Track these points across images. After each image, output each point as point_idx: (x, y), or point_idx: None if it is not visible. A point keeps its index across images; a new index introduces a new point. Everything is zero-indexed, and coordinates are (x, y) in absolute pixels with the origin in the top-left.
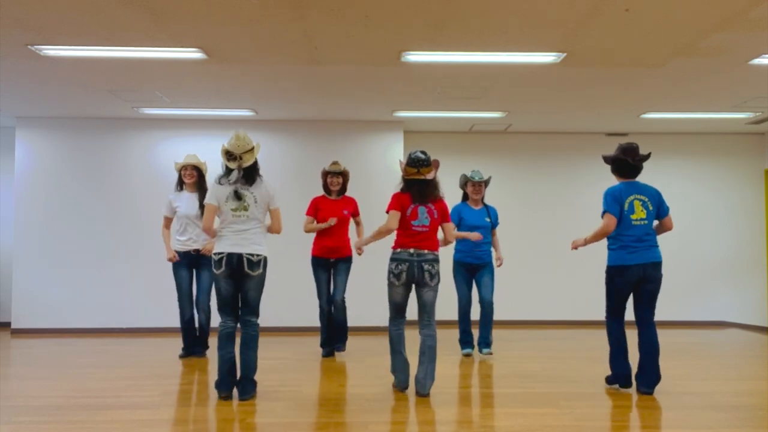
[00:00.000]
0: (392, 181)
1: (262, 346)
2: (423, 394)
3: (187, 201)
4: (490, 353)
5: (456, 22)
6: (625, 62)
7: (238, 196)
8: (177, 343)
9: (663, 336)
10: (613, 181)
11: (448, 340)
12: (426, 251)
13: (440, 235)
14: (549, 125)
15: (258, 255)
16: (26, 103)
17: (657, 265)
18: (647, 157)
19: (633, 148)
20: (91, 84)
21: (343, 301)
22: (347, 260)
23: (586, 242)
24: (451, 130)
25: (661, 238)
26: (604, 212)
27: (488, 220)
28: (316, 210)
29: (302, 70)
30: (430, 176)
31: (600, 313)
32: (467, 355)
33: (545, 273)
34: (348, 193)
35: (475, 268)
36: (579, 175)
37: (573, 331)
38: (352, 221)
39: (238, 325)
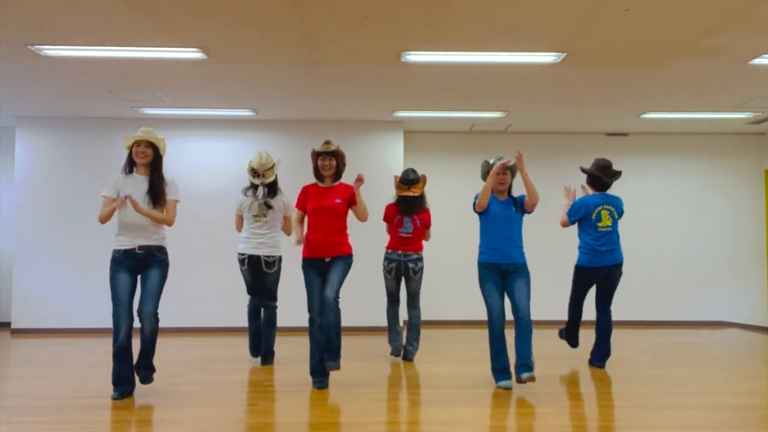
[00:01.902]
0: (392, 182)
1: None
2: (409, 359)
3: (134, 184)
4: (533, 377)
5: (456, 22)
6: (625, 62)
7: (268, 206)
8: (177, 343)
9: (663, 336)
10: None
11: (453, 341)
12: (411, 252)
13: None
14: (549, 125)
15: (273, 256)
16: (26, 103)
17: (619, 265)
18: (619, 175)
19: (608, 166)
20: (91, 84)
21: (336, 302)
22: (346, 258)
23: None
24: (451, 130)
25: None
26: (566, 215)
27: (516, 210)
28: (305, 201)
29: (302, 70)
30: (417, 193)
31: None
32: (505, 388)
33: (545, 273)
34: (345, 181)
35: (505, 271)
36: (579, 175)
37: None
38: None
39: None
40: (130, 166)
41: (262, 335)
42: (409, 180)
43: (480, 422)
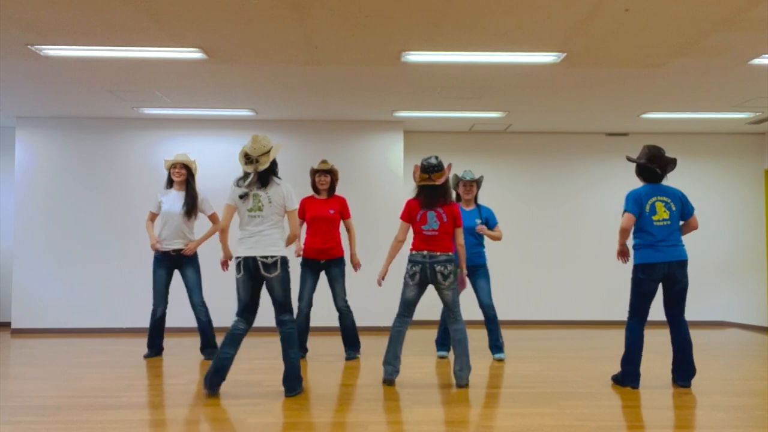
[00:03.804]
0: (392, 181)
1: (262, 346)
2: (461, 385)
3: (173, 199)
4: (503, 358)
5: (456, 22)
6: (625, 62)
7: (242, 197)
8: (177, 343)
9: (663, 336)
10: (636, 182)
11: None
12: (438, 253)
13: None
14: (549, 125)
15: (273, 257)
16: (26, 103)
17: (683, 263)
18: (674, 164)
19: (660, 155)
20: (91, 84)
21: (347, 307)
22: (339, 262)
23: (620, 246)
24: (451, 130)
25: None
26: (624, 212)
27: (479, 221)
28: (303, 211)
29: (302, 70)
30: (439, 182)
31: (599, 312)
32: (442, 358)
33: (545, 273)
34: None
35: (470, 270)
36: (579, 175)
37: (573, 331)
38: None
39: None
40: (170, 183)
41: (284, 358)
42: (430, 167)
43: (480, 422)
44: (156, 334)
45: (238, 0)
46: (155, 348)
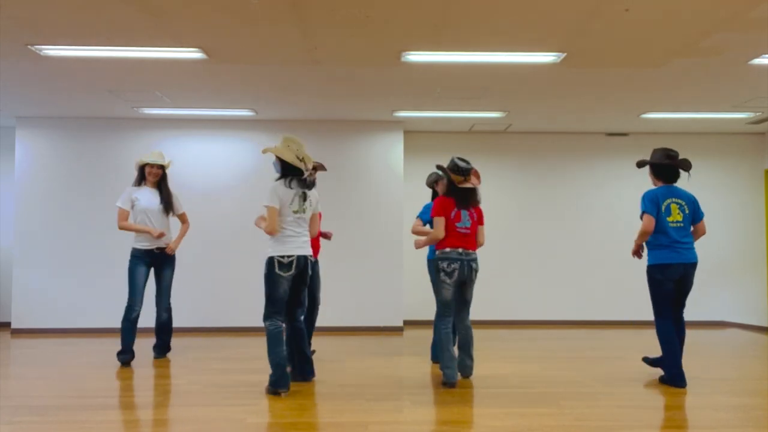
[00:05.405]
0: (392, 182)
1: (261, 346)
2: (466, 375)
3: (149, 196)
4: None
5: (456, 22)
6: (625, 62)
7: (305, 197)
8: (177, 343)
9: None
10: (647, 184)
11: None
12: (471, 251)
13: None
14: (549, 125)
15: (312, 257)
16: (26, 103)
17: (695, 265)
18: (689, 164)
19: (676, 155)
20: (91, 84)
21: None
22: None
23: (637, 246)
24: (451, 130)
25: None
26: (642, 213)
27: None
28: None
29: (302, 70)
30: (476, 184)
31: (599, 312)
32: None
33: (545, 273)
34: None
35: None
36: (579, 175)
37: (572, 331)
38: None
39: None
40: (141, 180)
41: (296, 350)
42: (467, 170)
43: (480, 422)
44: (130, 336)
45: (238, 0)
46: (131, 352)
